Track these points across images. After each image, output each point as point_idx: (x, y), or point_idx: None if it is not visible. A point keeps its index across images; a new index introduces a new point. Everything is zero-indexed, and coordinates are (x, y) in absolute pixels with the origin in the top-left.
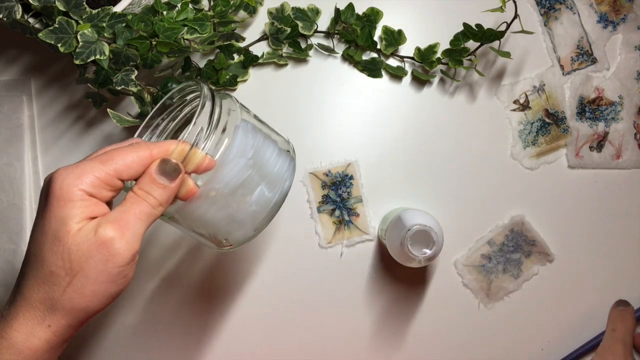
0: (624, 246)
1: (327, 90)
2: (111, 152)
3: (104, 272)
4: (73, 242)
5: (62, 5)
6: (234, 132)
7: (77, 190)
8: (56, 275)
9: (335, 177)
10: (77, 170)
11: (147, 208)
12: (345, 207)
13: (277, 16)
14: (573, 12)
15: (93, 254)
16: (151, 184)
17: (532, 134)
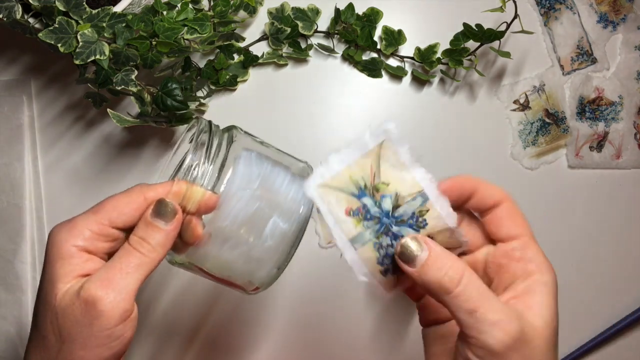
0: (624, 246)
1: (327, 90)
2: (104, 201)
3: (91, 337)
4: (59, 305)
5: (62, 5)
6: (235, 163)
7: (70, 246)
8: (48, 340)
9: None
10: (69, 225)
11: (138, 258)
12: None
13: (277, 16)
14: (573, 12)
15: (78, 318)
16: (146, 228)
17: (532, 134)
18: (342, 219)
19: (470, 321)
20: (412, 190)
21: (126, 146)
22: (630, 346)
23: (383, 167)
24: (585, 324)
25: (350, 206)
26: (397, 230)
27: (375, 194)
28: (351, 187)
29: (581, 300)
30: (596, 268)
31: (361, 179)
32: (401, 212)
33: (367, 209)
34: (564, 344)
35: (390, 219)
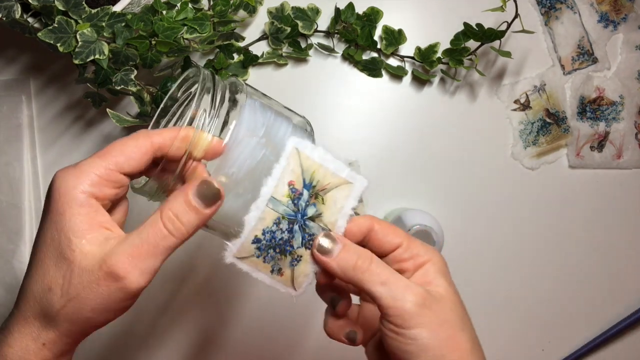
0: (625, 246)
1: (327, 89)
2: (110, 145)
3: (102, 304)
4: (78, 264)
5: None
6: (240, 111)
7: (78, 192)
8: (53, 293)
9: None
10: (76, 170)
11: (169, 240)
12: None
13: (277, 16)
14: (574, 12)
15: (96, 284)
16: (184, 205)
17: (532, 133)
18: (284, 181)
19: (384, 290)
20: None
21: None
22: (630, 346)
23: (333, 192)
24: (585, 323)
25: (295, 183)
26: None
27: (313, 197)
28: (308, 175)
29: (581, 300)
30: (596, 268)
31: (316, 180)
32: (310, 224)
33: (301, 196)
34: (564, 343)
35: (302, 220)
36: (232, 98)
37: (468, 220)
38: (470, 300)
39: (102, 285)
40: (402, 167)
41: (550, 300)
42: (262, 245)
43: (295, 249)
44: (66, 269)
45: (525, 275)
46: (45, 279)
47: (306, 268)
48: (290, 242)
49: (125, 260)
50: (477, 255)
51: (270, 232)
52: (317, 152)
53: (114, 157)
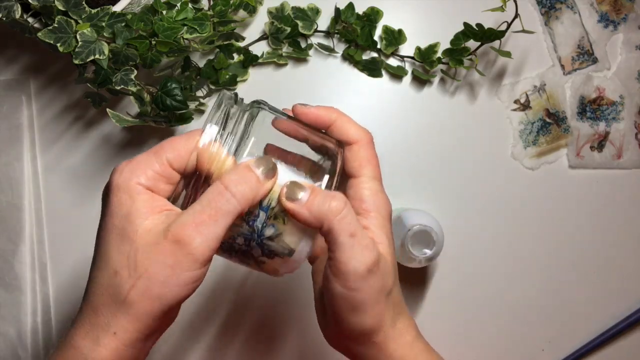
0: (625, 246)
1: (327, 90)
2: (162, 142)
3: (172, 276)
4: (141, 240)
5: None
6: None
7: (135, 184)
8: (120, 276)
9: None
10: (132, 164)
11: (231, 205)
12: None
13: (277, 16)
14: (574, 12)
15: (163, 256)
16: (245, 172)
17: (532, 133)
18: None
19: (350, 242)
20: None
21: (125, 146)
22: (630, 346)
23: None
24: (585, 324)
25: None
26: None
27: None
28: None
29: (581, 300)
30: (597, 268)
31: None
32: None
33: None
34: (564, 343)
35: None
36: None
37: (468, 220)
38: (471, 300)
39: (168, 255)
40: (401, 167)
41: (550, 300)
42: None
43: (259, 258)
44: (129, 248)
45: (525, 275)
46: (110, 265)
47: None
48: (250, 252)
49: (189, 226)
50: (477, 255)
51: (229, 244)
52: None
53: (166, 153)
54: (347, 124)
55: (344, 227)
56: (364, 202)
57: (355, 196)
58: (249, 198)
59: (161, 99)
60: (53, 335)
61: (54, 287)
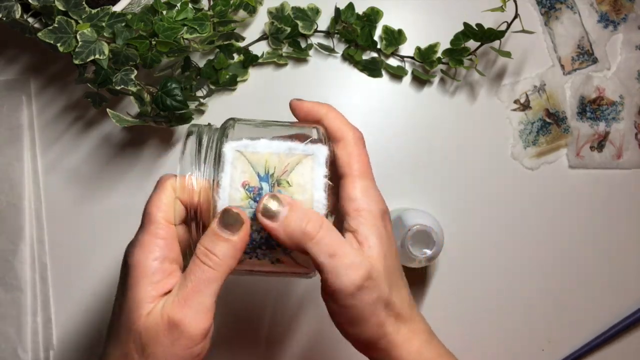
0: (625, 246)
1: (327, 90)
2: (146, 210)
3: (173, 355)
4: (143, 326)
5: (62, 4)
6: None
7: (152, 261)
8: (130, 357)
9: None
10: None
11: (208, 273)
12: None
13: (277, 16)
14: (574, 12)
15: (161, 338)
16: (213, 238)
17: (532, 133)
18: (235, 187)
19: (331, 264)
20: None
21: (126, 146)
22: (630, 347)
23: (296, 171)
24: (585, 324)
25: (249, 181)
26: None
27: (275, 185)
28: (261, 168)
29: (581, 300)
30: (596, 268)
31: (272, 167)
32: None
33: (260, 192)
34: (564, 343)
35: None
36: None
37: (468, 220)
38: (470, 300)
39: (167, 337)
40: (401, 167)
41: (550, 300)
42: (246, 249)
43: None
44: (135, 334)
45: (524, 275)
46: (120, 346)
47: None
48: (270, 237)
49: (177, 306)
50: (477, 255)
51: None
52: (261, 144)
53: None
54: (336, 120)
55: (322, 249)
56: (354, 202)
57: (345, 196)
58: (224, 261)
59: (161, 99)
60: (53, 335)
61: (54, 287)
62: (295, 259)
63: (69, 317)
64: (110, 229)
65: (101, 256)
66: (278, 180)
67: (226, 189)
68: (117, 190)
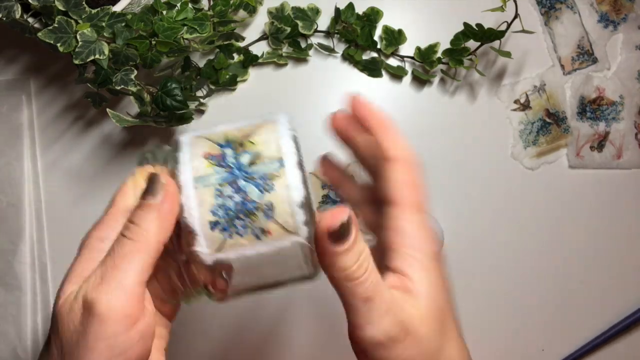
0: (625, 246)
1: (327, 89)
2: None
3: (89, 349)
4: (59, 311)
5: (62, 4)
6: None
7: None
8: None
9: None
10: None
11: (128, 245)
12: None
13: (277, 16)
14: (574, 12)
15: (76, 326)
16: (136, 209)
17: (532, 133)
18: (197, 159)
19: (364, 309)
20: (273, 155)
21: (126, 146)
22: (630, 346)
23: (258, 132)
24: (585, 323)
25: (210, 152)
26: (243, 185)
27: (238, 147)
28: (221, 139)
29: (581, 300)
30: (597, 268)
31: (233, 136)
32: (254, 170)
33: (224, 157)
34: (564, 343)
35: (241, 172)
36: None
37: (468, 220)
38: (471, 301)
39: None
40: None
41: (550, 300)
42: (223, 223)
43: (259, 201)
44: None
45: (525, 275)
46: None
47: (285, 207)
48: (247, 199)
49: (93, 285)
50: (477, 255)
51: (220, 207)
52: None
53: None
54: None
55: (359, 291)
56: (406, 238)
57: (393, 227)
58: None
59: (161, 99)
60: None
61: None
62: (283, 224)
63: None
64: None
65: None
66: (241, 143)
67: (187, 163)
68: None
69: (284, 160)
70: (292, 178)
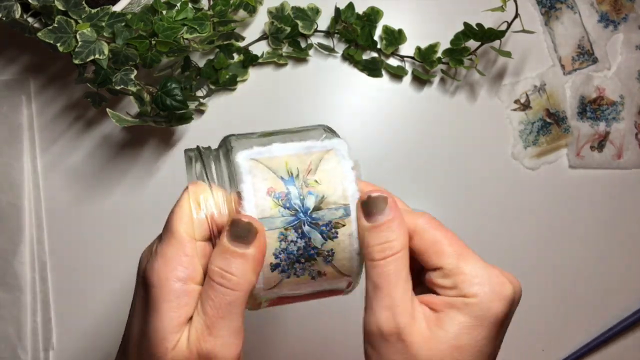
0: (625, 246)
1: (327, 89)
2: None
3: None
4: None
5: (62, 4)
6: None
7: (175, 281)
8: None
9: None
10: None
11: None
12: None
13: (277, 15)
14: (574, 12)
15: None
16: (226, 254)
17: (532, 133)
18: (261, 195)
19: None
20: (339, 200)
21: (125, 146)
22: (630, 346)
23: (321, 168)
24: (585, 324)
25: (274, 187)
26: (307, 231)
27: (303, 187)
28: (283, 171)
29: (581, 300)
30: (597, 268)
31: (295, 169)
32: (320, 215)
33: (289, 197)
34: (564, 343)
35: (306, 217)
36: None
37: (468, 220)
38: None
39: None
40: (402, 167)
41: (551, 300)
42: (283, 266)
43: (321, 248)
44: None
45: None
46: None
47: (345, 254)
48: (309, 245)
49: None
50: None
51: (283, 251)
52: (275, 148)
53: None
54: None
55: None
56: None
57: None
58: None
59: (161, 99)
60: (53, 335)
61: (54, 287)
62: (340, 268)
63: (69, 317)
64: (110, 229)
65: (101, 256)
66: (305, 181)
67: (251, 200)
68: (117, 190)
69: (350, 206)
70: (355, 226)
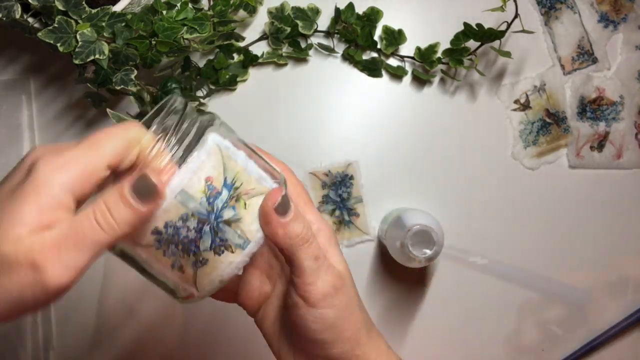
0: (625, 246)
1: (327, 90)
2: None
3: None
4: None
5: (62, 4)
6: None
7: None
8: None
9: (335, 177)
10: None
11: (98, 234)
12: (345, 207)
13: (277, 16)
14: (574, 12)
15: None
16: (118, 198)
17: (532, 133)
18: (200, 175)
19: (314, 267)
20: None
21: None
22: (630, 347)
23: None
24: (585, 324)
25: (214, 180)
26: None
27: (233, 199)
28: (230, 176)
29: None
30: (596, 268)
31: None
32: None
33: (217, 196)
34: (564, 343)
35: (215, 221)
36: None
37: (468, 220)
38: (471, 300)
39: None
40: (402, 167)
41: (550, 299)
42: (162, 238)
43: (201, 251)
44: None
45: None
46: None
47: (211, 273)
48: (196, 242)
49: (49, 250)
50: (477, 254)
51: (174, 227)
52: (240, 156)
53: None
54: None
55: (309, 253)
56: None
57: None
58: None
59: (161, 98)
60: (53, 335)
61: None
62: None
63: (69, 317)
64: None
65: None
66: (238, 196)
67: (190, 170)
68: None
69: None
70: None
